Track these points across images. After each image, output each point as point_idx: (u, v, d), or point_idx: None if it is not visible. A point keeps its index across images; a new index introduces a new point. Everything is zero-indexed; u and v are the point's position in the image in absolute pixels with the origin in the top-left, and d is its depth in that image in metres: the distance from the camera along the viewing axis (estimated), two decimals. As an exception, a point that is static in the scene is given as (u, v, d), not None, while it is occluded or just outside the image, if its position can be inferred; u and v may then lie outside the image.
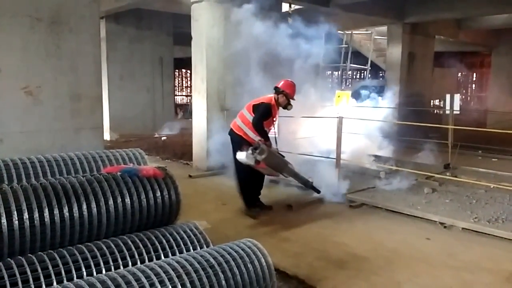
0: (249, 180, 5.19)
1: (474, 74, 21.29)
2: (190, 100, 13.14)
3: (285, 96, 5.11)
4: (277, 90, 5.15)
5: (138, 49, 12.18)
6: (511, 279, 3.58)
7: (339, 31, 11.77)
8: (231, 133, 5.26)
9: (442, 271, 3.69)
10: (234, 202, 5.68)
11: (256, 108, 5.07)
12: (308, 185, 5.29)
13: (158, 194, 2.81)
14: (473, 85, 21.48)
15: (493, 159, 8.70)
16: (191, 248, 2.74)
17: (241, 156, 4.78)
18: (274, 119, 5.23)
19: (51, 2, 4.74)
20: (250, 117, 5.07)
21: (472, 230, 4.64)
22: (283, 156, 5.13)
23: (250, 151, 4.73)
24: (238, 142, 5.09)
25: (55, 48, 4.78)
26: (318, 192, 5.41)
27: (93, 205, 2.58)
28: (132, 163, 3.34)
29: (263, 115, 5.02)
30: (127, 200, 2.69)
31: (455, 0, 10.56)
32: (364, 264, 3.81)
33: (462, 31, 14.35)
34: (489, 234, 4.52)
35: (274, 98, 5.14)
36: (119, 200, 2.66)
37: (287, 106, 5.20)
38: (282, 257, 3.82)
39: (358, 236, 4.51)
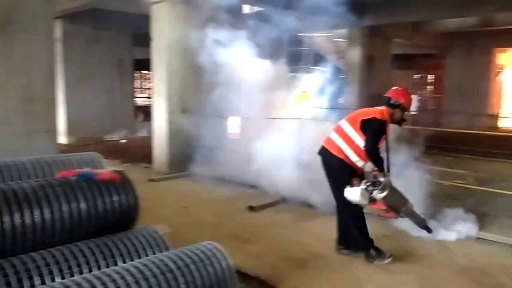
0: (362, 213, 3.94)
1: (430, 76, 22.11)
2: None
3: (402, 111, 3.97)
4: (390, 103, 3.96)
5: (96, 50, 11.90)
6: (463, 272, 3.73)
7: (300, 34, 11.92)
8: (327, 154, 3.96)
9: (399, 267, 3.80)
10: (196, 205, 5.65)
11: (366, 125, 3.82)
12: (422, 225, 4.23)
13: (115, 198, 2.74)
14: (429, 87, 22.31)
15: (448, 158, 9.04)
16: (150, 253, 2.69)
17: (353, 193, 3.65)
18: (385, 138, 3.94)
19: (2, 1, 4.56)
20: (355, 136, 3.85)
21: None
22: (395, 188, 3.87)
23: (365, 187, 3.63)
24: (339, 168, 3.88)
25: (6, 48, 4.60)
26: (431, 231, 4.25)
27: (46, 211, 2.49)
28: (88, 167, 3.25)
29: (378, 137, 3.78)
30: (82, 205, 2.60)
31: (411, 4, 10.94)
32: (324, 263, 3.87)
33: (418, 34, 14.91)
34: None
35: (388, 113, 3.94)
36: (73, 205, 2.58)
37: (401, 122, 4.03)
38: (243, 258, 3.82)
39: (318, 235, 4.57)
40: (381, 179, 3.64)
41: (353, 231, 3.94)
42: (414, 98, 7.93)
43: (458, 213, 4.84)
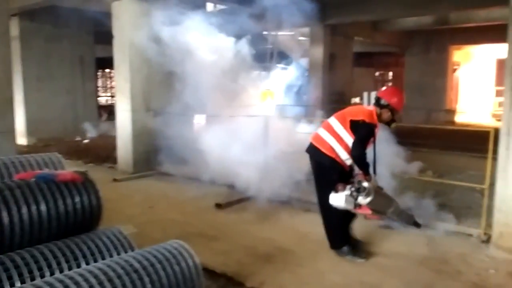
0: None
1: (390, 73, 22.72)
2: (116, 101, 12.67)
3: (391, 111, 3.87)
4: (380, 103, 3.87)
5: (56, 48, 11.55)
6: (423, 261, 3.88)
7: (264, 32, 12.00)
8: (317, 152, 3.89)
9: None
10: (162, 204, 5.61)
11: (355, 126, 3.76)
12: (410, 223, 4.26)
13: (77, 199, 2.69)
14: (389, 84, 22.91)
15: (407, 152, 9.29)
16: (114, 254, 2.66)
17: (338, 199, 3.62)
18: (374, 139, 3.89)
19: (-49, -3, 4.36)
20: (345, 134, 3.80)
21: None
22: (382, 188, 3.88)
23: (349, 193, 3.60)
24: (330, 168, 3.83)
25: (-43, 47, 4.41)
26: (420, 226, 4.29)
27: (5, 214, 2.41)
28: (48, 168, 3.17)
29: (366, 140, 3.76)
30: (43, 207, 2.55)
31: (371, 3, 11.21)
32: (290, 257, 3.94)
33: (377, 33, 15.30)
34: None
35: (376, 113, 3.86)
36: (33, 207, 2.51)
37: (391, 123, 3.94)
38: (210, 256, 3.83)
39: (284, 230, 4.64)
40: (365, 184, 3.61)
41: (334, 227, 3.95)
42: (373, 95, 8.08)
43: (418, 205, 5.03)
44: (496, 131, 4.26)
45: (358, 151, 3.69)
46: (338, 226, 3.92)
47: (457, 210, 5.21)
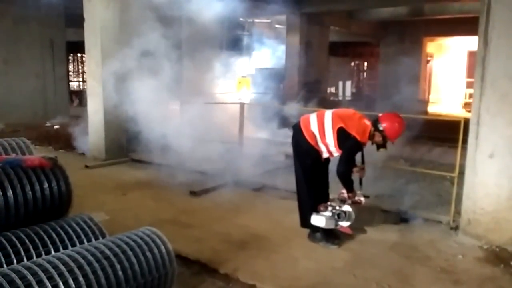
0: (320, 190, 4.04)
1: (365, 63, 22.92)
2: (88, 86, 12.34)
3: (383, 138, 3.91)
4: (376, 126, 3.91)
5: (24, 31, 11.17)
6: (394, 247, 3.97)
7: (241, 19, 11.90)
8: (299, 134, 4.00)
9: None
10: (135, 192, 5.53)
11: (342, 135, 3.85)
12: (397, 221, 4.57)
13: (46, 185, 2.62)
14: (365, 73, 23.15)
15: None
16: (85, 241, 2.61)
17: (319, 221, 3.78)
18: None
19: None
20: (329, 133, 3.88)
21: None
22: (368, 197, 4.13)
23: (330, 214, 3.79)
24: (306, 151, 3.97)
25: None
26: (407, 221, 4.60)
27: (-32, 200, 2.34)
28: (15, 153, 3.07)
29: (353, 156, 3.89)
30: (9, 193, 2.47)
31: (346, -8, 11.29)
32: (264, 243, 3.96)
33: (353, 23, 15.38)
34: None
35: (370, 132, 3.91)
36: (-1, 193, 2.44)
37: (379, 147, 4.00)
38: (184, 243, 3.81)
39: (259, 217, 4.66)
40: (346, 209, 3.81)
41: (305, 209, 4.00)
42: (348, 84, 8.18)
43: (390, 193, 5.12)
44: (466, 121, 4.36)
45: (344, 169, 3.82)
46: (308, 206, 3.95)
47: (428, 198, 5.33)
